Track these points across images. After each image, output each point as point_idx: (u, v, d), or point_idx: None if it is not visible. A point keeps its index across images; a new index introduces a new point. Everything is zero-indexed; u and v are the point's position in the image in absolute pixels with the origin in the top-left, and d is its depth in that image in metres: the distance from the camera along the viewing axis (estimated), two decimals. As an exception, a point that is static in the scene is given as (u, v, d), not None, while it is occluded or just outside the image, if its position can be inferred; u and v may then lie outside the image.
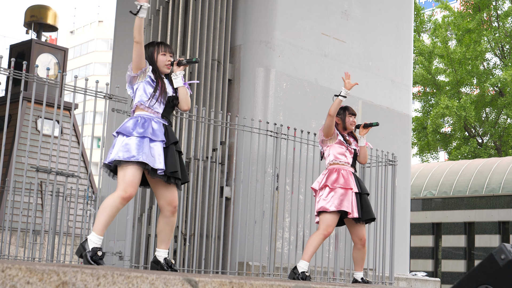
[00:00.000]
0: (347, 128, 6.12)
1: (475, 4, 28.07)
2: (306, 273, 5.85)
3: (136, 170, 4.44)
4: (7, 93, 8.34)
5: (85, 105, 7.62)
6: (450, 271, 21.16)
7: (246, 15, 9.25)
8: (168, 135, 4.61)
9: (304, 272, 5.83)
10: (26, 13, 17.51)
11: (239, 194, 8.03)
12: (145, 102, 4.61)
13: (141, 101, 4.61)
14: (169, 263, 4.64)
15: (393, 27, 10.67)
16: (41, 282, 2.58)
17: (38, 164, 6.56)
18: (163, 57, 4.73)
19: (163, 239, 4.66)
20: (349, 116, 6.13)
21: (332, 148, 6.04)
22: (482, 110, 28.52)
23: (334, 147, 6.04)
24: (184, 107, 4.76)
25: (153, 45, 4.77)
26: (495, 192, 20.85)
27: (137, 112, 4.65)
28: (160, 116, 4.63)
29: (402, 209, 10.24)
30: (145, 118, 4.58)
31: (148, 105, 4.60)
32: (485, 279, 3.66)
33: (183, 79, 4.77)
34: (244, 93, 9.01)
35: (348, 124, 6.11)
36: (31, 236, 6.94)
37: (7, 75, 6.53)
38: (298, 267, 5.85)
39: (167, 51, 4.75)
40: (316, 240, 5.83)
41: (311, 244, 5.84)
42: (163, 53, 4.74)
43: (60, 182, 10.64)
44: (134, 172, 4.43)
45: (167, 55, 4.74)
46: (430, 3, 39.93)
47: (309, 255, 5.87)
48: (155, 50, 4.74)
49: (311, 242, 5.84)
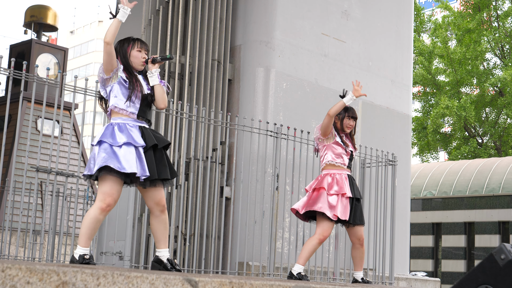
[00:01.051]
0: (343, 129, 6.10)
1: (475, 4, 28.07)
2: (302, 273, 5.86)
3: (115, 180, 4.39)
4: (7, 93, 8.34)
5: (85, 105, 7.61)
6: (450, 271, 21.16)
7: (246, 15, 9.25)
8: (145, 138, 4.51)
9: (300, 273, 5.84)
10: (26, 13, 17.51)
11: (239, 194, 8.03)
12: (119, 105, 4.54)
13: (115, 104, 4.54)
14: (172, 263, 4.62)
15: (393, 27, 10.67)
16: (41, 282, 2.58)
17: (38, 164, 6.56)
18: (138, 53, 4.64)
19: (160, 238, 4.64)
20: (348, 118, 6.10)
21: (329, 148, 6.03)
22: (482, 110, 28.52)
23: (331, 147, 6.02)
24: (160, 105, 4.68)
25: (129, 41, 4.68)
26: (495, 192, 20.85)
27: (112, 116, 4.58)
28: (135, 118, 4.55)
29: (402, 209, 10.24)
30: (120, 125, 4.50)
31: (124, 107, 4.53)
32: (485, 279, 3.67)
33: (159, 77, 4.69)
34: (244, 93, 9.01)
35: (344, 126, 6.09)
36: (31, 236, 6.94)
37: (7, 75, 6.53)
38: (293, 271, 5.86)
39: (143, 48, 4.67)
40: (311, 244, 5.84)
41: (306, 249, 5.85)
42: (139, 49, 4.65)
43: (60, 182, 10.63)
44: (113, 182, 4.38)
45: (142, 52, 4.66)
46: (430, 3, 39.94)
47: (304, 259, 5.88)
48: (130, 45, 4.66)
49: (307, 246, 5.86)
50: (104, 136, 4.45)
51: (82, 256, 4.35)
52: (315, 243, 5.84)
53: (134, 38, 4.72)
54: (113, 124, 4.52)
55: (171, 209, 7.60)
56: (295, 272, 5.84)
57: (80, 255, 4.35)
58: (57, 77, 16.00)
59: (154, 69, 4.68)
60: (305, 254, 5.86)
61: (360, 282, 6.06)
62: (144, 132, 4.55)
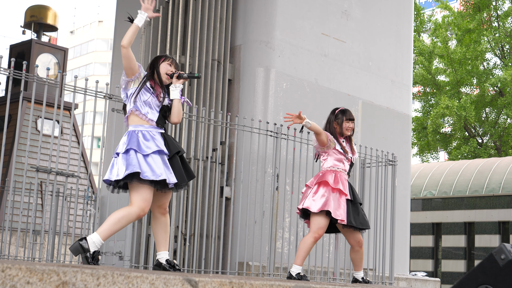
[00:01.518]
0: (343, 133, 6.10)
1: (475, 4, 28.07)
2: (300, 273, 5.86)
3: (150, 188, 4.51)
4: (7, 93, 8.34)
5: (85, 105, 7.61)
6: (450, 271, 21.16)
7: (246, 15, 9.25)
8: (168, 145, 4.65)
9: (299, 273, 5.84)
10: (26, 13, 17.51)
11: (239, 194, 8.03)
12: (140, 109, 4.62)
13: (136, 107, 4.63)
14: (171, 263, 4.65)
15: (393, 27, 10.67)
16: (41, 282, 2.58)
17: (38, 164, 6.56)
18: (167, 66, 4.77)
19: (160, 241, 4.70)
20: (347, 122, 6.11)
21: (330, 154, 6.05)
22: (482, 110, 28.52)
23: (332, 154, 6.05)
24: (174, 119, 4.77)
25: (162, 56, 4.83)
26: (495, 192, 20.85)
27: (131, 123, 4.65)
28: (155, 125, 4.65)
29: (402, 209, 10.24)
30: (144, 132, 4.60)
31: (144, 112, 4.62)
32: (485, 279, 3.67)
33: (180, 93, 4.79)
34: (244, 93, 9.01)
35: (344, 130, 6.09)
36: (31, 236, 6.94)
37: (7, 75, 6.53)
38: (292, 272, 5.86)
39: (173, 63, 4.80)
40: (307, 243, 5.83)
41: (302, 249, 5.85)
42: (169, 63, 4.78)
43: (60, 182, 10.64)
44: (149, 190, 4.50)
45: (172, 66, 4.79)
46: (430, 3, 39.94)
47: (301, 259, 5.87)
48: (163, 58, 4.80)
49: (302, 246, 5.85)
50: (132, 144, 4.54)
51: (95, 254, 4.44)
52: (310, 242, 5.82)
53: (168, 56, 4.86)
54: (136, 132, 4.61)
55: (171, 209, 7.61)
56: (293, 273, 5.84)
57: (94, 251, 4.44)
58: (57, 77, 16.00)
59: (178, 83, 4.76)
60: (302, 254, 5.85)
61: (361, 282, 6.06)
62: (167, 139, 4.67)
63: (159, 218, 4.67)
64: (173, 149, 4.64)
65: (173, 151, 4.63)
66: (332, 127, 6.11)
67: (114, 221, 4.42)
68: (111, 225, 4.42)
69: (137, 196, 4.48)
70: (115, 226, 4.43)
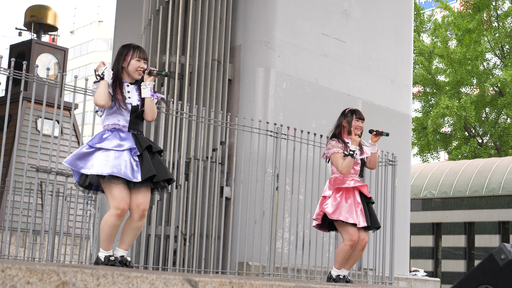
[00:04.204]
0: (351, 132, 6.07)
1: (475, 4, 28.07)
2: (340, 276, 5.89)
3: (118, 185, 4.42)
4: (7, 93, 8.34)
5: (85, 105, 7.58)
6: (450, 271, 21.16)
7: (246, 15, 9.25)
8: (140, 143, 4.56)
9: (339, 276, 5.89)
10: (26, 13, 17.52)
11: (239, 194, 8.03)
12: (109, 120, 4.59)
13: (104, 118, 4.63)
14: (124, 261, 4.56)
15: (393, 27, 10.67)
16: (41, 282, 2.58)
17: (38, 164, 6.56)
18: (137, 63, 4.66)
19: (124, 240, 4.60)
20: (356, 120, 6.07)
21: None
22: (482, 110, 28.52)
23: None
24: (148, 118, 4.67)
25: (129, 48, 4.69)
26: (495, 192, 20.84)
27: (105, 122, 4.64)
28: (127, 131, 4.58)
29: (402, 209, 10.24)
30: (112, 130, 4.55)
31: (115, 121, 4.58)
32: (485, 279, 3.67)
33: (151, 90, 4.68)
34: (244, 93, 9.00)
35: (353, 128, 6.05)
36: (31, 236, 6.94)
37: (7, 75, 6.53)
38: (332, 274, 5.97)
39: (141, 57, 4.68)
40: (343, 250, 5.90)
41: (339, 254, 5.92)
42: (138, 59, 4.66)
43: (60, 182, 10.63)
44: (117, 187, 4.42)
45: (141, 62, 4.67)
46: (430, 3, 39.93)
47: (339, 263, 5.94)
48: (130, 53, 4.67)
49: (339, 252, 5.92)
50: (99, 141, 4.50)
51: (108, 258, 4.47)
52: (347, 249, 5.88)
53: (135, 46, 4.72)
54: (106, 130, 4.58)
55: (171, 209, 7.61)
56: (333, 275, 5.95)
57: (106, 256, 4.47)
58: (57, 77, 16.00)
59: (148, 81, 4.66)
60: (339, 259, 5.94)
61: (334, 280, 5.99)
62: (138, 137, 4.60)
63: (135, 220, 4.54)
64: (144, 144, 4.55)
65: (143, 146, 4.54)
66: (341, 125, 6.08)
67: (101, 231, 4.45)
68: (101, 236, 4.45)
69: (108, 196, 4.46)
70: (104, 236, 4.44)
